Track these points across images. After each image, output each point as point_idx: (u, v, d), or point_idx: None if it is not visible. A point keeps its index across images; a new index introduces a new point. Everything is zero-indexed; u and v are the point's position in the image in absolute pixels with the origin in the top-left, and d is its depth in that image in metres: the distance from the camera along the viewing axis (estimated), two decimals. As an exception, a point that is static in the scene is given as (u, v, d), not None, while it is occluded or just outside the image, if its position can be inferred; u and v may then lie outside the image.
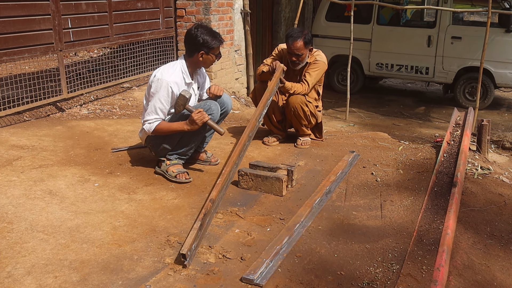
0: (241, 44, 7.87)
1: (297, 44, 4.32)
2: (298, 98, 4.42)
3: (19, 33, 4.89)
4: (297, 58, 4.39)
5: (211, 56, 3.67)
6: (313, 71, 4.46)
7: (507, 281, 2.61)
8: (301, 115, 4.46)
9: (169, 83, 3.54)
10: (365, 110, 8.45)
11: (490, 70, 8.16)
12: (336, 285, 2.47)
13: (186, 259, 2.55)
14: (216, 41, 3.64)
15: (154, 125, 3.59)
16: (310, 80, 4.43)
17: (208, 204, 2.95)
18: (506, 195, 3.58)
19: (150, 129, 3.61)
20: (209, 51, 3.64)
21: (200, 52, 3.63)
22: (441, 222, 3.08)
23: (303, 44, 4.32)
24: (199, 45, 3.61)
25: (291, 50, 4.36)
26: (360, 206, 3.38)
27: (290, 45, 4.34)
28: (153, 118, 3.59)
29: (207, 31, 3.63)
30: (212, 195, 3.07)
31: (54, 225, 2.92)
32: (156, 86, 3.55)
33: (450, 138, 4.60)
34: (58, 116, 5.40)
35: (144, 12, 6.62)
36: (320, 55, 4.54)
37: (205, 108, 3.61)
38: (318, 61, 4.48)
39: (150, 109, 3.58)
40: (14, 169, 3.69)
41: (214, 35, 3.64)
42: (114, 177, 3.69)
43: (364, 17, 9.10)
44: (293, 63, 4.44)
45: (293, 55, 4.38)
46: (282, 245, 2.75)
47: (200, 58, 3.65)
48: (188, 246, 2.57)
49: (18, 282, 2.37)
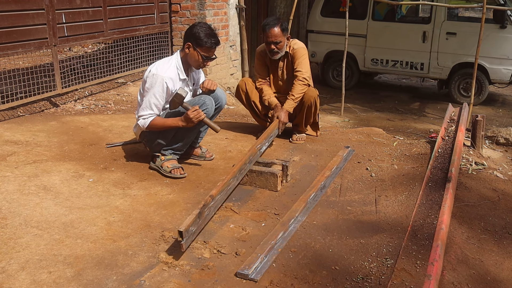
0: (236, 40, 7.85)
1: (274, 31, 4.27)
2: (314, 92, 4.42)
3: (13, 28, 4.86)
4: (276, 46, 4.33)
5: (197, 53, 3.58)
6: (301, 61, 4.41)
7: (500, 275, 2.63)
8: (312, 110, 4.48)
9: (164, 78, 3.52)
10: (360, 105, 8.46)
11: (484, 66, 8.18)
12: (331, 279, 2.48)
13: (183, 239, 2.55)
14: (207, 40, 3.54)
15: (148, 120, 3.57)
16: (305, 72, 4.39)
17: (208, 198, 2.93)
18: (500, 190, 3.60)
19: (144, 125, 3.59)
20: (196, 46, 3.56)
21: (187, 43, 3.59)
22: (436, 217, 3.09)
23: (281, 31, 4.28)
24: (189, 36, 3.58)
25: (269, 39, 4.30)
26: (354, 201, 3.39)
27: (268, 32, 4.29)
28: (148, 114, 3.57)
29: (205, 29, 3.57)
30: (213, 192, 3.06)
31: (49, 220, 2.91)
32: (151, 81, 3.54)
33: (445, 133, 4.62)
34: (52, 111, 5.38)
35: (139, 7, 6.59)
36: (297, 43, 4.49)
37: (200, 103, 3.60)
38: (296, 49, 4.43)
39: (145, 104, 3.57)
40: (8, 164, 3.67)
41: (209, 35, 3.55)
42: (108, 172, 3.68)
43: (359, 12, 9.10)
44: (272, 52, 4.38)
45: (271, 44, 4.33)
46: (276, 240, 2.75)
47: (186, 49, 3.61)
48: (186, 225, 2.58)
49: (12, 278, 2.37)
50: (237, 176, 3.35)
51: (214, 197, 2.96)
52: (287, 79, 4.53)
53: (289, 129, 4.72)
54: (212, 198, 2.92)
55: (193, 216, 2.67)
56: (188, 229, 2.60)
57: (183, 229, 2.54)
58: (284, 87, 4.57)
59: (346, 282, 2.46)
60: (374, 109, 8.27)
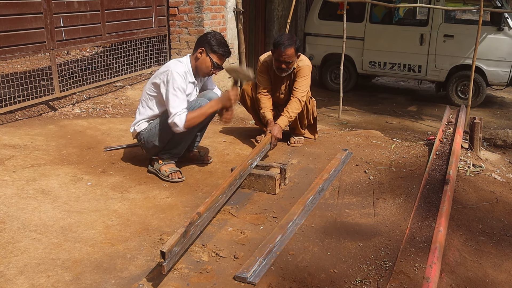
0: (234, 43, 7.86)
1: (289, 52, 4.18)
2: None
3: (11, 32, 4.87)
4: (287, 66, 4.27)
5: (209, 59, 3.60)
6: (302, 80, 4.38)
7: (498, 277, 2.63)
8: (304, 114, 4.47)
9: (180, 73, 3.50)
10: (358, 108, 8.47)
11: (482, 68, 8.20)
12: (329, 282, 2.48)
13: (165, 260, 2.35)
14: (221, 49, 3.60)
15: (184, 115, 3.42)
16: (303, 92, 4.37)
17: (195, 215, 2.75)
18: (498, 192, 3.60)
19: (181, 122, 3.41)
20: (209, 52, 3.59)
21: (200, 48, 3.61)
22: (434, 219, 3.10)
23: (294, 51, 4.22)
24: (204, 41, 3.61)
25: (282, 58, 4.21)
26: (353, 204, 3.39)
27: (282, 52, 4.18)
28: (181, 109, 3.43)
29: (220, 38, 3.64)
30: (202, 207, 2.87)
31: (47, 224, 2.90)
32: (168, 78, 3.47)
33: (443, 136, 4.63)
34: (50, 115, 5.38)
35: (137, 10, 6.60)
36: (303, 60, 4.42)
37: (196, 106, 3.57)
38: (301, 67, 4.38)
39: (174, 101, 3.42)
40: (6, 168, 3.67)
41: (224, 44, 3.62)
42: (107, 176, 3.68)
43: (357, 15, 9.11)
44: (280, 70, 4.32)
45: (283, 63, 4.24)
46: (275, 243, 2.75)
47: (199, 54, 3.62)
48: (169, 245, 2.39)
49: (11, 282, 2.36)
50: (226, 192, 3.20)
51: (202, 215, 2.79)
52: (287, 93, 4.52)
53: (287, 132, 4.72)
54: (199, 215, 2.75)
55: (178, 235, 2.48)
56: (172, 249, 2.41)
57: (166, 250, 2.34)
58: (284, 99, 4.55)
59: (344, 285, 2.46)
60: (372, 112, 8.28)
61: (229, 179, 3.25)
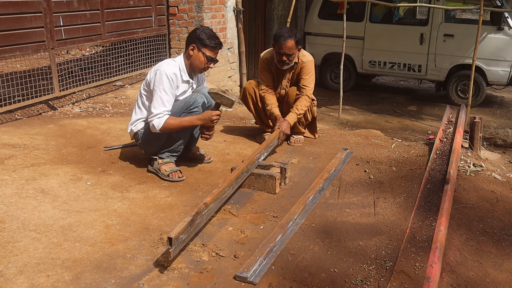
0: (234, 42, 7.86)
1: (289, 44, 4.24)
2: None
3: (10, 31, 4.86)
4: (288, 58, 4.31)
5: (202, 54, 3.61)
6: (309, 77, 4.44)
7: (499, 277, 2.63)
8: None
9: (169, 74, 3.52)
10: (358, 107, 8.47)
11: (482, 68, 8.20)
12: (330, 282, 2.48)
13: (172, 246, 2.44)
14: (211, 41, 3.61)
15: (163, 120, 3.48)
16: (311, 89, 4.44)
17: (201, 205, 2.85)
18: (498, 192, 3.60)
19: (159, 125, 3.48)
20: (201, 47, 3.60)
21: (191, 44, 3.62)
22: (434, 219, 3.09)
23: (294, 43, 4.26)
24: (194, 38, 3.63)
25: (283, 50, 4.26)
26: (353, 203, 3.39)
27: (282, 44, 4.24)
28: (162, 111, 3.48)
29: (208, 31, 3.65)
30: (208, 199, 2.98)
31: (47, 224, 2.90)
32: (158, 78, 3.51)
33: (443, 135, 4.62)
34: (50, 114, 5.37)
35: (137, 10, 6.59)
36: (306, 55, 4.48)
37: (191, 101, 3.58)
38: (305, 63, 4.43)
39: (156, 102, 3.49)
40: (6, 167, 3.66)
41: (213, 36, 3.64)
42: (106, 175, 3.68)
43: (357, 15, 9.12)
44: (281, 63, 4.36)
45: (284, 55, 4.29)
46: (275, 243, 2.75)
47: (191, 51, 3.63)
48: (176, 232, 2.47)
49: (10, 282, 2.36)
50: (233, 185, 3.27)
51: (208, 205, 2.87)
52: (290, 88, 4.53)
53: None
54: (206, 205, 2.84)
55: (185, 224, 2.56)
56: (179, 236, 2.49)
57: (173, 236, 2.43)
58: (285, 95, 4.56)
59: (345, 284, 2.46)
60: (372, 111, 8.28)
61: (236, 172, 3.31)
